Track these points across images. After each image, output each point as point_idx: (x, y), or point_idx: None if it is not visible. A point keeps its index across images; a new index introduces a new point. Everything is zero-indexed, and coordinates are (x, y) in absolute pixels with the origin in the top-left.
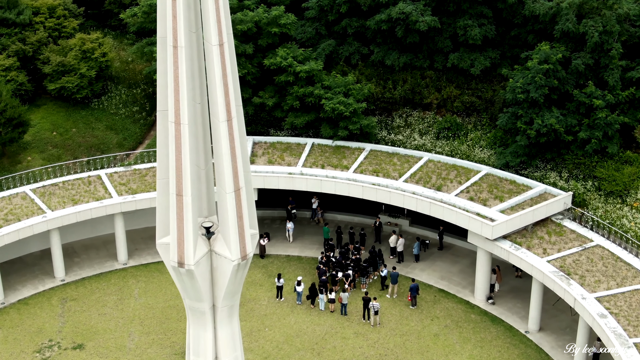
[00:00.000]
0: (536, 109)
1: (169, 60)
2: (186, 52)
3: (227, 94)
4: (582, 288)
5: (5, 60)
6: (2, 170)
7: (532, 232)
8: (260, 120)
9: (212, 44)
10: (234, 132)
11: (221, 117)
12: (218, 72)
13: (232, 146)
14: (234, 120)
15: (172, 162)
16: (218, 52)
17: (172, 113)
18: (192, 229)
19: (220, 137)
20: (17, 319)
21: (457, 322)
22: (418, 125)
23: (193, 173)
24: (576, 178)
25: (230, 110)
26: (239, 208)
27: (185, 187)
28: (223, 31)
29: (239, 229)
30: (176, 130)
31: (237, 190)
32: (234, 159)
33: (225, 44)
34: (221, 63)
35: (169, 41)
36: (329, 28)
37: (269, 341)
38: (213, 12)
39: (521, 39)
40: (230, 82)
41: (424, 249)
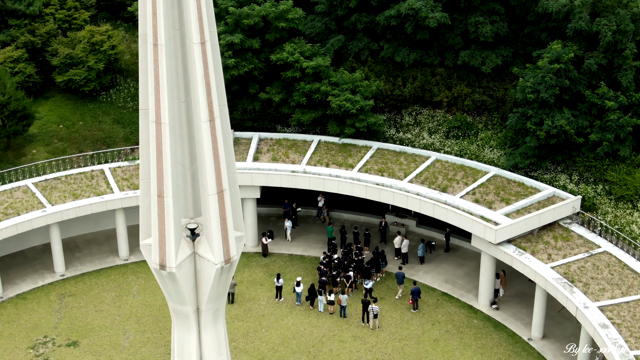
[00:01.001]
0: (546, 109)
1: (149, 58)
2: (168, 50)
3: (209, 93)
4: (585, 296)
5: (13, 52)
6: (6, 162)
7: (538, 236)
8: (267, 116)
9: (194, 42)
10: (216, 132)
11: (203, 117)
12: (200, 71)
13: (215, 147)
14: (217, 121)
15: (153, 163)
16: (199, 51)
17: (153, 112)
18: (174, 231)
19: (203, 137)
20: (14, 314)
21: (459, 328)
22: (427, 124)
23: (176, 173)
24: (586, 181)
25: (213, 110)
26: (223, 210)
27: (166, 188)
28: (205, 29)
29: (222, 231)
30: (157, 129)
31: (221, 192)
32: (216, 160)
33: (208, 42)
34: (203, 62)
35: (149, 39)
36: (339, 23)
37: (264, 342)
38: (194, 9)
39: (534, 37)
40: (212, 82)
41: (429, 251)
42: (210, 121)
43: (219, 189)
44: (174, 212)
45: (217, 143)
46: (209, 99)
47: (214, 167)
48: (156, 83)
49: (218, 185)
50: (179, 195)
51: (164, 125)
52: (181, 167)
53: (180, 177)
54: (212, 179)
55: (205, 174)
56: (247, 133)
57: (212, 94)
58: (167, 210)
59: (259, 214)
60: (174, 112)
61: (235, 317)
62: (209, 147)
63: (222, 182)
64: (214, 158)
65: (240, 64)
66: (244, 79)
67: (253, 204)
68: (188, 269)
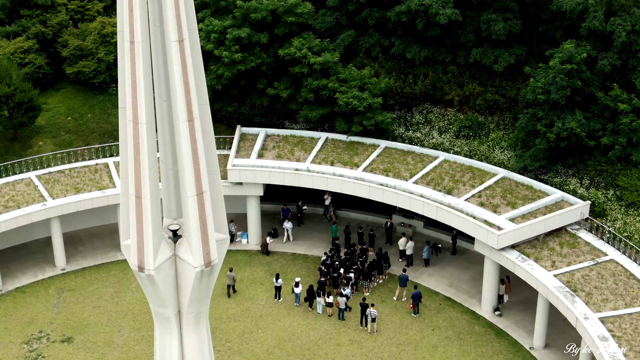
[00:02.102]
0: (557, 111)
1: (126, 56)
2: (146, 48)
3: (188, 93)
4: (587, 307)
5: (24, 43)
6: (12, 154)
7: (544, 242)
8: (276, 112)
9: (171, 40)
10: (195, 132)
11: (181, 117)
12: (178, 70)
13: (194, 148)
14: (197, 121)
15: (131, 163)
16: (178, 49)
17: (130, 111)
18: (152, 233)
19: (181, 138)
20: (11, 308)
21: (459, 334)
22: (438, 123)
23: (155, 174)
24: (597, 186)
25: (192, 110)
26: (202, 213)
27: (144, 189)
28: (183, 27)
29: (202, 234)
30: (134, 129)
31: (200, 194)
32: (195, 161)
33: (186, 40)
34: (181, 60)
35: (125, 36)
36: (350, 18)
37: (260, 344)
38: (172, 6)
39: (549, 36)
40: (191, 81)
41: (435, 253)
42: (189, 121)
43: (198, 190)
44: (152, 213)
45: (196, 144)
46: (188, 98)
47: (193, 169)
48: (133, 81)
49: (197, 187)
50: (159, 197)
51: (142, 124)
52: (164, 166)
53: (163, 177)
54: (191, 180)
55: (184, 175)
56: (254, 129)
57: (191, 94)
58: (145, 212)
59: (264, 211)
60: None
61: (233, 316)
62: (187, 148)
63: (201, 184)
64: (193, 159)
65: (248, 59)
66: (252, 74)
67: (256, 202)
68: (168, 272)
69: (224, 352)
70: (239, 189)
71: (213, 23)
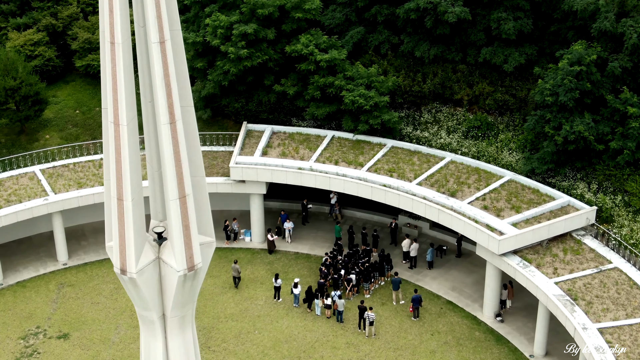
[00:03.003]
0: (566, 113)
1: (107, 57)
2: (127, 49)
3: (169, 95)
4: (586, 316)
5: (34, 35)
6: (18, 147)
7: (547, 248)
8: (283, 109)
9: (152, 41)
10: (178, 135)
11: (163, 119)
12: (159, 72)
13: (176, 150)
14: (179, 123)
15: (112, 165)
16: (158, 50)
17: (111, 113)
18: (134, 236)
19: (163, 140)
20: (11, 302)
21: (459, 340)
22: (447, 122)
23: (138, 176)
24: (605, 191)
25: (174, 112)
26: (185, 216)
27: (125, 192)
28: (165, 27)
29: (184, 238)
30: (115, 131)
31: (183, 197)
32: (178, 164)
33: (168, 41)
34: (162, 62)
35: (106, 37)
36: (360, 14)
37: (255, 345)
38: (152, 7)
39: (561, 35)
40: (173, 83)
41: (440, 255)
42: (171, 124)
43: (180, 194)
44: (133, 216)
45: (178, 146)
46: (170, 100)
47: (175, 172)
48: (114, 83)
49: (180, 190)
50: (142, 199)
51: (122, 126)
52: (150, 167)
53: (149, 178)
54: (173, 183)
55: (167, 179)
56: (260, 126)
57: (172, 96)
58: (127, 214)
59: (270, 209)
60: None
61: (230, 316)
62: (169, 150)
63: (184, 187)
64: (175, 162)
65: (255, 55)
66: (259, 70)
67: (259, 200)
68: (151, 275)
69: (219, 352)
70: (242, 186)
71: (220, 18)
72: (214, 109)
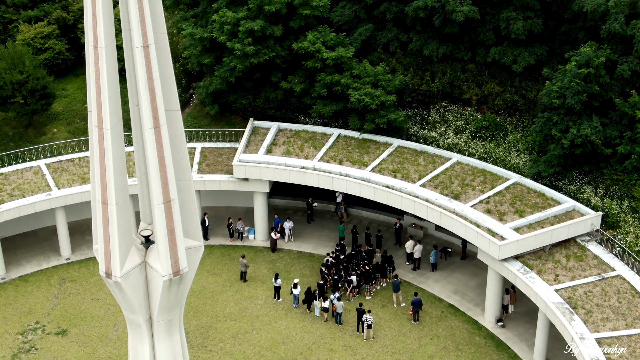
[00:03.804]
0: (573, 116)
1: (91, 61)
2: (111, 53)
3: (153, 99)
4: (585, 326)
5: (45, 28)
6: (26, 141)
7: (550, 253)
8: (290, 106)
9: (136, 45)
10: (162, 140)
11: (147, 124)
12: (142, 76)
13: (161, 155)
14: (163, 128)
15: (97, 168)
16: (142, 55)
17: (95, 117)
18: (119, 240)
19: (147, 145)
20: (12, 297)
21: (458, 345)
22: (455, 122)
23: (123, 180)
24: (612, 196)
25: (158, 117)
26: (170, 221)
27: (109, 196)
28: (148, 32)
29: (170, 242)
30: (99, 135)
31: (168, 202)
32: (162, 168)
33: (152, 45)
34: (146, 66)
35: (90, 41)
36: (369, 11)
37: (252, 346)
38: (135, 11)
39: (571, 36)
40: (157, 87)
41: (444, 257)
42: (155, 128)
43: (165, 198)
44: (118, 220)
45: (163, 151)
46: (154, 105)
47: (160, 176)
48: (97, 87)
49: (165, 195)
50: (128, 203)
51: (106, 130)
52: (139, 170)
53: (138, 181)
54: (157, 188)
55: (151, 183)
56: (266, 123)
57: (157, 100)
58: (112, 218)
59: (276, 206)
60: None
61: (229, 315)
62: (153, 155)
63: (169, 191)
64: (160, 167)
65: (261, 52)
66: (267, 67)
67: (263, 198)
68: (137, 278)
69: (215, 352)
70: (245, 184)
71: (227, 14)
72: (221, 105)
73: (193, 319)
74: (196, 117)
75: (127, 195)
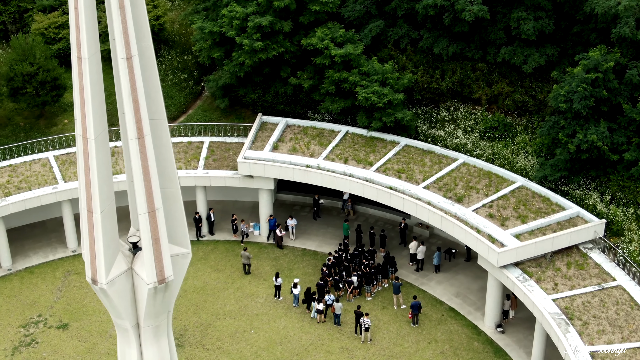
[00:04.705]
0: (581, 120)
1: (75, 71)
2: (94, 64)
3: (137, 110)
4: (580, 338)
5: (59, 17)
6: (36, 132)
7: (551, 260)
8: (299, 101)
9: (119, 57)
10: (146, 150)
11: (130, 134)
12: (126, 87)
13: (145, 165)
14: (147, 138)
15: (82, 177)
16: (125, 66)
17: (80, 126)
18: (104, 247)
19: (131, 155)
20: (17, 288)
21: (456, 350)
22: (464, 121)
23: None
24: (618, 202)
25: (142, 127)
26: (155, 230)
27: (94, 204)
28: (131, 43)
29: (154, 251)
30: (84, 144)
31: (152, 211)
32: (147, 178)
33: (135, 57)
34: (129, 78)
35: (73, 51)
36: (380, 8)
37: (249, 345)
38: (118, 23)
39: (584, 37)
40: (141, 98)
41: (449, 259)
42: (139, 139)
43: (150, 208)
44: (103, 228)
45: (147, 161)
46: (137, 115)
47: (144, 186)
48: (81, 97)
49: (149, 204)
50: (113, 210)
51: (90, 140)
52: (127, 177)
53: (128, 188)
54: (142, 198)
55: (135, 193)
56: (274, 118)
57: (140, 111)
58: (97, 226)
59: (283, 201)
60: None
61: (229, 313)
62: (137, 165)
63: (153, 201)
64: (144, 177)
65: (270, 47)
66: (276, 62)
67: (268, 195)
68: (123, 285)
69: (212, 351)
70: (250, 181)
71: (236, 9)
72: (231, 98)
73: (193, 315)
74: (207, 110)
75: (113, 203)
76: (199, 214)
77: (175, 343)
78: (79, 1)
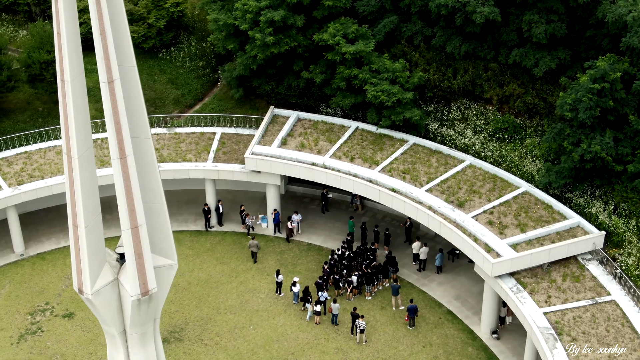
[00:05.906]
0: (586, 129)
1: (59, 93)
2: (77, 86)
3: (119, 131)
4: (566, 356)
5: (79, 2)
6: (54, 117)
7: (547, 271)
8: (312, 95)
9: (101, 81)
10: (129, 169)
11: (112, 154)
12: (107, 110)
13: (127, 184)
14: (129, 158)
15: (68, 193)
16: (107, 90)
17: (65, 145)
18: (89, 260)
19: (114, 174)
20: (28, 274)
21: (449, 355)
22: (474, 121)
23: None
24: (620, 213)
25: (124, 148)
26: (138, 245)
27: (79, 219)
28: (113, 68)
29: (137, 265)
30: (68, 162)
31: (135, 227)
32: (129, 196)
33: (116, 80)
34: (111, 101)
35: (58, 74)
36: (395, 3)
37: (247, 342)
38: (99, 48)
39: (596, 42)
40: (123, 120)
41: (452, 259)
42: (121, 159)
43: (132, 224)
44: (87, 242)
45: (129, 180)
46: (119, 137)
47: (127, 204)
48: (65, 118)
49: (132, 220)
50: (99, 225)
51: (74, 159)
52: None
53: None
54: (124, 214)
55: (119, 210)
56: (286, 111)
57: (122, 132)
58: (82, 240)
59: (294, 193)
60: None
61: (230, 308)
62: (120, 184)
63: (136, 218)
64: (127, 195)
65: (282, 41)
66: (289, 55)
67: (275, 190)
68: (109, 295)
69: (210, 347)
70: (258, 176)
71: (249, 3)
72: (246, 89)
73: (195, 309)
74: (222, 99)
75: (98, 217)
76: (208, 205)
77: (175, 337)
78: (62, 27)
